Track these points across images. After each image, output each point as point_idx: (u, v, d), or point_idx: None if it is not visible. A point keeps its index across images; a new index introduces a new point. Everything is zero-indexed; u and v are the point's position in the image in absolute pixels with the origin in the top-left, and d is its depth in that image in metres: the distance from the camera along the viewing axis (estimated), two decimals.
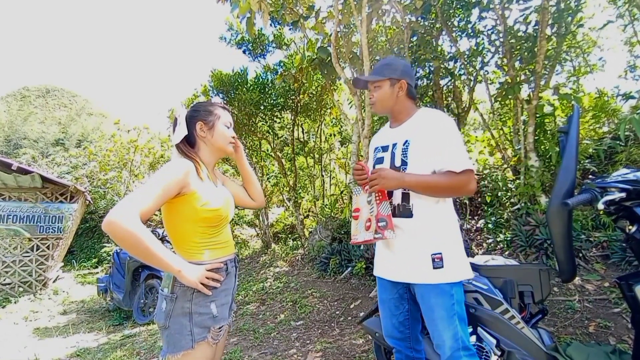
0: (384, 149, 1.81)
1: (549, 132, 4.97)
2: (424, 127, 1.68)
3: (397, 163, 1.70)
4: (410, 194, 1.67)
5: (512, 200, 4.98)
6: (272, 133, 8.68)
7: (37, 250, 8.50)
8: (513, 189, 4.94)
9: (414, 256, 1.63)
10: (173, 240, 1.47)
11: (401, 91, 1.76)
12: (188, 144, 1.56)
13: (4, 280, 8.01)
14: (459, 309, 1.60)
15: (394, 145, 1.75)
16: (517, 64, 5.11)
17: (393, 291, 1.79)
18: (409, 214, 1.66)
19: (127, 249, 1.22)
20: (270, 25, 7.69)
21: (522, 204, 4.62)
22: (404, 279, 1.67)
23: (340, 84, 8.37)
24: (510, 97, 5.01)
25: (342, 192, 8.72)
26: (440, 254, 1.59)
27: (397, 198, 1.70)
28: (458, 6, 5.88)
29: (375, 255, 1.89)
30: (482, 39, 5.94)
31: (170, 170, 1.34)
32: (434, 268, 1.58)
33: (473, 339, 1.91)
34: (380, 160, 1.80)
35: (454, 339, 1.57)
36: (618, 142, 4.65)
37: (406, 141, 1.70)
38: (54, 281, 8.89)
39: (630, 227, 1.47)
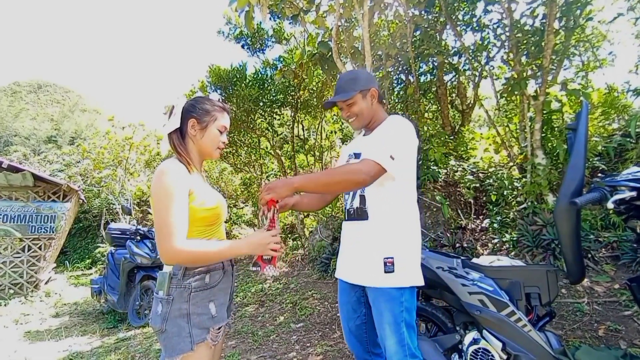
0: (357, 156, 1.84)
1: (556, 129, 4.97)
2: (382, 130, 1.76)
3: None
4: (366, 196, 1.71)
5: (518, 199, 4.98)
6: (271, 130, 8.67)
7: (28, 250, 8.49)
8: (519, 188, 4.93)
9: (367, 259, 1.67)
10: None
11: (374, 99, 1.82)
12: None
13: None
14: (407, 316, 1.63)
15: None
16: (523, 59, 5.10)
17: (351, 294, 1.86)
18: (365, 217, 1.71)
19: (200, 263, 1.40)
20: (270, 19, 7.70)
21: (529, 203, 4.62)
22: (358, 282, 1.72)
23: None
24: (516, 93, 5.00)
25: None
26: (392, 258, 1.63)
27: (355, 201, 1.75)
28: None
29: (338, 257, 1.94)
30: (488, 33, 5.93)
31: (172, 183, 1.36)
32: (385, 272, 1.61)
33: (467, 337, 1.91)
34: None
35: (400, 345, 1.61)
36: (628, 139, 4.62)
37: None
38: (46, 283, 8.88)
39: None
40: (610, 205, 1.43)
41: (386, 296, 1.62)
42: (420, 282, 1.66)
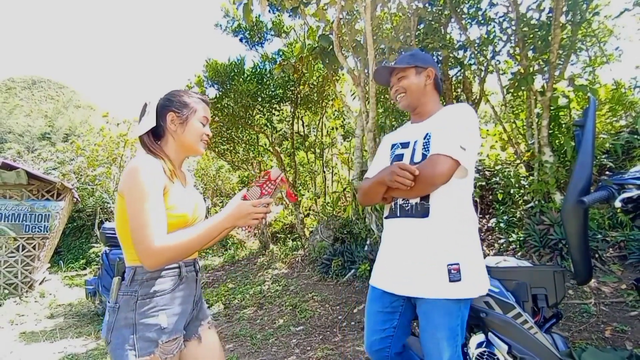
0: (404, 145, 1.73)
1: (564, 125, 4.96)
2: (446, 119, 1.63)
3: (417, 158, 1.61)
4: (443, 193, 1.57)
5: (525, 198, 4.97)
6: (270, 126, 8.68)
7: (22, 250, 8.51)
8: (526, 186, 4.93)
9: (426, 265, 1.52)
10: (126, 242, 1.36)
11: (429, 80, 1.72)
12: (154, 136, 1.47)
13: None
14: (461, 330, 1.55)
15: (416, 141, 1.68)
16: (530, 54, 5.10)
17: (385, 304, 1.70)
18: (426, 214, 1.55)
19: (185, 256, 1.31)
20: (269, 11, 7.68)
21: (536, 202, 4.62)
22: (410, 293, 1.56)
23: (343, 74, 8.35)
24: (523, 88, 4.99)
25: (344, 189, 8.72)
26: (457, 264, 1.48)
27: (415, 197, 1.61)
28: None
29: (377, 262, 1.78)
30: (493, 27, 5.92)
31: (147, 180, 1.28)
32: (450, 281, 1.47)
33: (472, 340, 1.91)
34: (399, 157, 1.71)
35: (451, 359, 1.52)
36: (636, 136, 4.64)
37: (427, 134, 1.63)
38: (40, 283, 8.91)
39: None
40: (617, 203, 1.43)
41: (445, 309, 1.49)
42: (486, 290, 1.56)
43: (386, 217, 1.75)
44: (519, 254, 4.26)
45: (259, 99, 7.83)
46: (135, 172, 1.28)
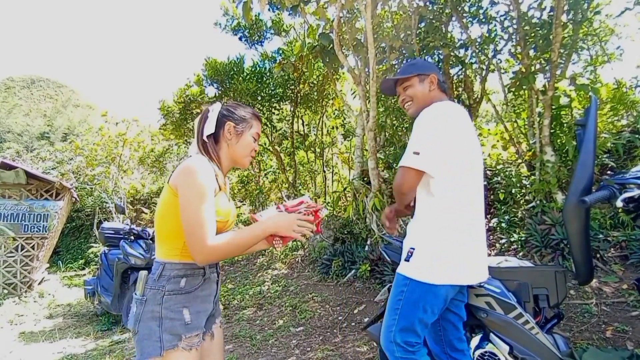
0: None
1: (565, 125, 4.96)
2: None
3: None
4: (417, 192, 1.75)
5: (526, 197, 4.98)
6: (270, 125, 8.67)
7: (21, 250, 8.51)
8: (528, 186, 4.93)
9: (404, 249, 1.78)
10: (163, 235, 1.46)
11: (432, 85, 1.83)
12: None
13: None
14: (405, 307, 1.64)
15: None
16: (531, 52, 5.10)
17: None
18: (413, 213, 1.80)
19: (231, 255, 1.44)
20: (269, 10, 7.68)
21: (538, 202, 4.62)
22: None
23: (344, 73, 8.35)
24: (524, 87, 5.00)
25: (345, 189, 8.71)
26: (413, 249, 1.68)
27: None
28: None
29: None
30: (495, 26, 5.92)
31: (204, 181, 1.38)
32: (405, 260, 1.70)
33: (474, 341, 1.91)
34: None
35: (387, 329, 1.69)
36: (637, 135, 4.65)
37: None
38: (39, 283, 8.91)
39: None
40: (619, 203, 1.43)
41: (396, 281, 1.71)
42: (437, 281, 1.59)
43: None
44: (521, 254, 4.26)
45: (259, 98, 7.84)
46: (195, 172, 1.38)
